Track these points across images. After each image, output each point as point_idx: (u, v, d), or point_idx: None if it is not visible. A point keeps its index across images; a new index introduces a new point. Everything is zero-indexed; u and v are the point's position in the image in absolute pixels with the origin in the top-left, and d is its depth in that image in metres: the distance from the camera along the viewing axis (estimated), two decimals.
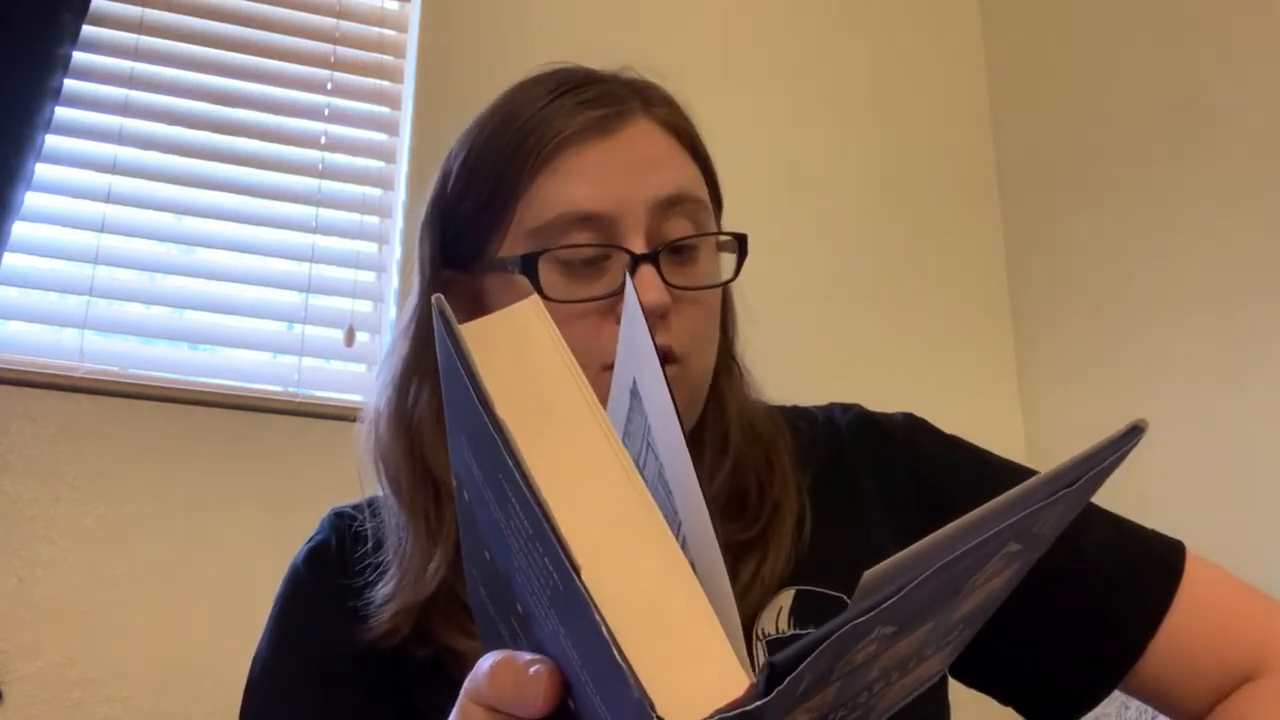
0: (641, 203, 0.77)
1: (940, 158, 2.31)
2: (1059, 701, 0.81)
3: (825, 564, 0.78)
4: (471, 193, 0.81)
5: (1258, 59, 1.77)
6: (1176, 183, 1.90)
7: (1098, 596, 0.79)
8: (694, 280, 0.79)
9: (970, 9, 2.46)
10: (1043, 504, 0.41)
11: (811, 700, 0.40)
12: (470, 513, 0.51)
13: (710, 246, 0.81)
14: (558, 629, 0.42)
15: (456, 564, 0.74)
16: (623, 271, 0.76)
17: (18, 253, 1.75)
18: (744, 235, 0.82)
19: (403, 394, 0.82)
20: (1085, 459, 0.42)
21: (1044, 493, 0.41)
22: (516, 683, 0.44)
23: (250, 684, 0.82)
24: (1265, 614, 0.79)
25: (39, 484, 1.65)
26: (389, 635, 0.75)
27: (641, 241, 0.76)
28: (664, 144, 0.81)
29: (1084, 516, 0.81)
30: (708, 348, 0.81)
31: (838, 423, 0.89)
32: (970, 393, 2.12)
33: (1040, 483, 0.41)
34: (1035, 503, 0.40)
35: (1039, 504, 0.41)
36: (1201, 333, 1.82)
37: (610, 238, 0.76)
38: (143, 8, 1.93)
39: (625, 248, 0.76)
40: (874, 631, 0.39)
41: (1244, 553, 1.68)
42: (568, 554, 0.38)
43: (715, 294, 0.82)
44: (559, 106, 0.79)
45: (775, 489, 0.80)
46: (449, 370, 0.46)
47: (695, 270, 0.79)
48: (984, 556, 0.41)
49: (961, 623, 0.48)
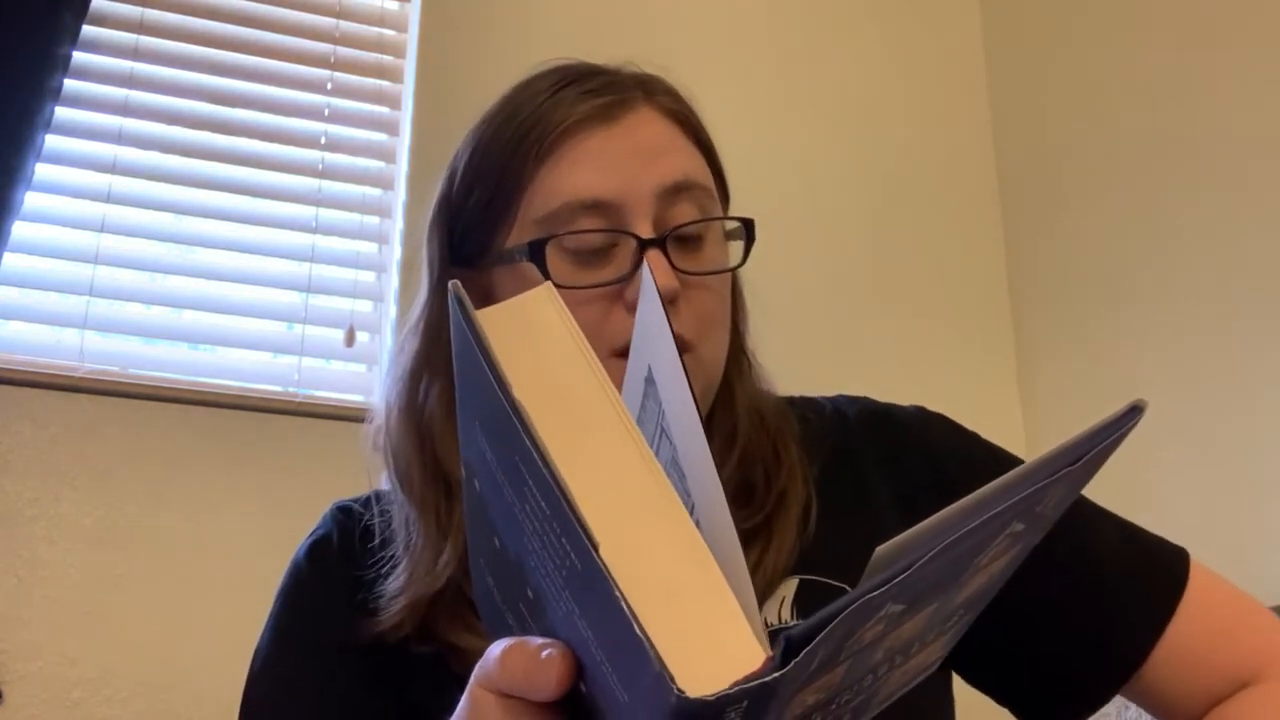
0: (647, 189, 0.77)
1: (940, 158, 2.32)
2: (1060, 706, 0.81)
3: (830, 555, 0.77)
4: (477, 188, 0.81)
5: (1258, 59, 1.78)
6: (1176, 183, 1.90)
7: (1103, 602, 0.79)
8: (702, 266, 0.79)
9: (970, 9, 2.46)
10: (1046, 482, 0.42)
11: (820, 680, 0.40)
12: (481, 500, 0.51)
13: (717, 234, 0.81)
14: (572, 610, 0.42)
15: (465, 560, 0.74)
16: (630, 258, 0.76)
17: (18, 253, 1.75)
18: (751, 220, 0.82)
19: (413, 390, 0.82)
20: (1086, 438, 0.43)
21: (1047, 471, 0.42)
22: (528, 667, 0.44)
23: (251, 678, 0.82)
24: (1264, 624, 0.80)
25: (39, 484, 1.64)
26: (394, 630, 0.75)
27: (649, 227, 0.76)
28: (668, 131, 0.81)
29: (1091, 520, 0.82)
30: (719, 334, 0.81)
31: (846, 414, 0.89)
32: (970, 393, 2.12)
33: (1043, 462, 0.42)
34: (1039, 481, 0.41)
35: (1042, 482, 0.41)
36: (1202, 332, 1.82)
37: (617, 224, 0.76)
38: (143, 8, 1.93)
39: (633, 233, 0.76)
40: (884, 608, 0.39)
41: (1245, 551, 1.69)
42: (586, 531, 0.38)
43: (724, 280, 0.82)
44: (562, 98, 0.79)
45: (782, 479, 0.80)
46: (464, 355, 0.46)
47: (703, 257, 0.79)
48: (989, 535, 0.42)
49: (963, 606, 0.48)
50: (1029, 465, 0.43)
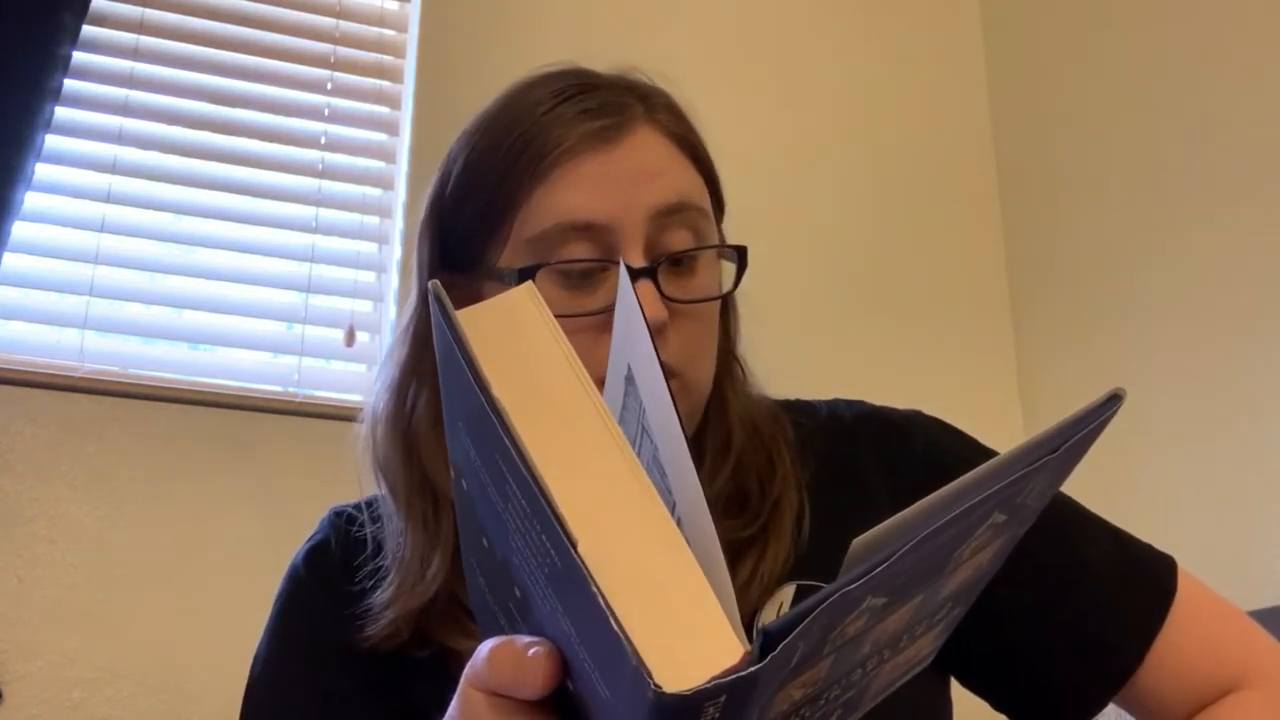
0: (640, 212, 0.76)
1: (940, 158, 2.32)
2: (1055, 714, 0.81)
3: (826, 559, 0.77)
4: (470, 199, 0.80)
5: (1259, 59, 1.78)
6: (1177, 183, 1.90)
7: (1096, 610, 0.80)
8: (692, 293, 0.78)
9: (970, 9, 2.46)
10: (1026, 471, 0.42)
11: (805, 674, 0.40)
12: (469, 501, 0.51)
13: (710, 256, 0.81)
14: (556, 607, 0.42)
15: (455, 567, 0.74)
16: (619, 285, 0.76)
17: (18, 253, 1.75)
18: (744, 248, 0.81)
19: (401, 397, 0.81)
20: (1066, 427, 0.44)
21: (1027, 460, 0.42)
22: (516, 665, 0.45)
23: (250, 684, 0.82)
24: (1245, 632, 0.81)
25: (39, 484, 1.65)
26: (389, 639, 0.75)
27: (639, 253, 0.75)
28: (665, 152, 0.80)
29: (1083, 527, 0.82)
30: (706, 361, 0.81)
31: (843, 417, 0.88)
32: (970, 393, 2.12)
33: (1023, 450, 0.43)
34: (1018, 470, 0.42)
35: (1022, 471, 0.42)
36: (1202, 333, 1.82)
37: (608, 248, 0.75)
38: (143, 8, 1.94)
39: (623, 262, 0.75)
40: (865, 601, 0.39)
41: (1244, 553, 1.69)
42: (565, 528, 0.39)
43: (713, 306, 0.81)
44: (559, 115, 0.78)
45: (776, 487, 0.80)
46: (446, 355, 0.47)
47: (694, 282, 0.78)
48: (970, 526, 0.42)
49: (951, 599, 0.48)
50: (1007, 455, 0.43)
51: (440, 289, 0.45)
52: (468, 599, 0.73)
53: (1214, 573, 0.84)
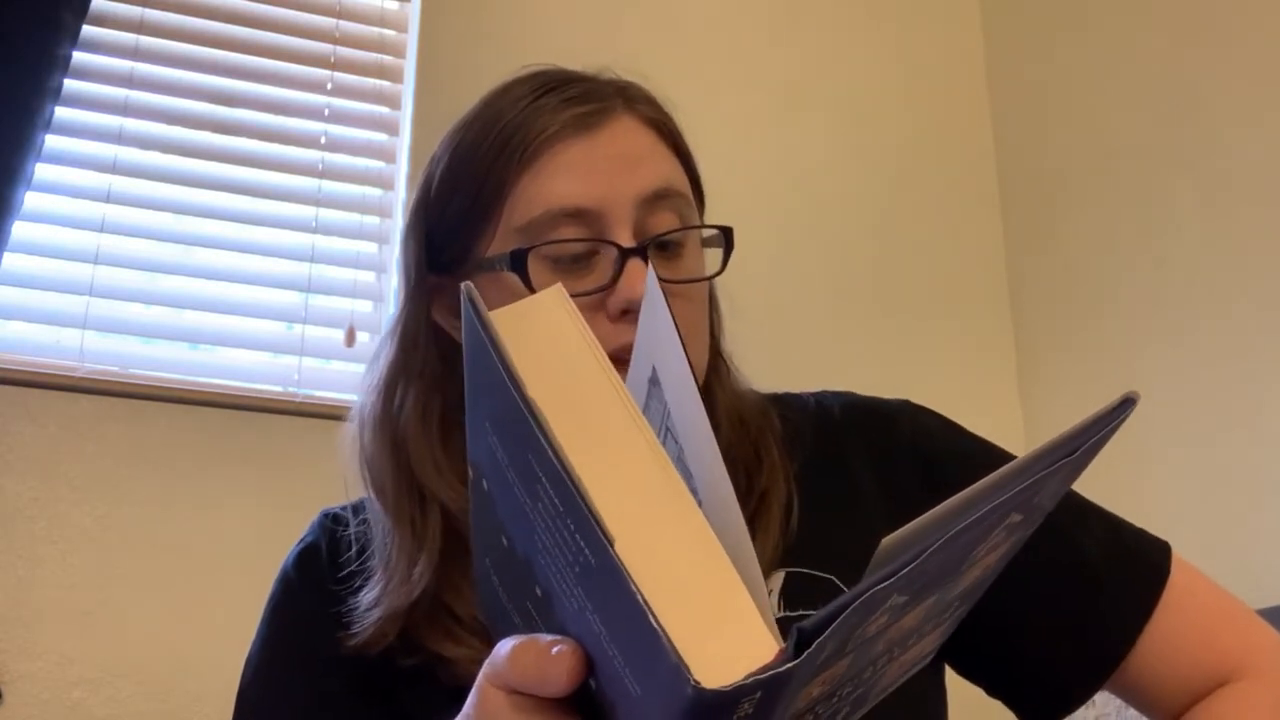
0: (628, 197, 0.77)
1: (940, 159, 2.32)
2: (1047, 699, 0.81)
3: (815, 548, 0.78)
4: (456, 195, 0.81)
5: (1259, 60, 1.78)
6: (1177, 184, 1.90)
7: (1088, 595, 0.80)
8: (681, 275, 0.79)
9: (970, 9, 2.47)
10: (1044, 473, 0.43)
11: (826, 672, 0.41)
12: (489, 500, 0.51)
13: (695, 242, 0.82)
14: (584, 605, 0.42)
15: (441, 569, 0.75)
16: (611, 266, 0.77)
17: (18, 253, 1.75)
18: (730, 229, 0.83)
19: (388, 399, 0.82)
20: (1082, 430, 0.45)
21: (1045, 462, 0.43)
22: (539, 663, 0.45)
23: (242, 688, 0.82)
24: (1243, 620, 0.81)
25: (39, 484, 1.64)
26: (375, 642, 0.75)
27: (629, 235, 0.77)
28: (647, 140, 0.82)
29: (1077, 512, 0.83)
30: (698, 342, 0.82)
31: (830, 408, 0.89)
32: (970, 393, 2.13)
33: (1041, 453, 0.44)
34: (1038, 471, 0.43)
35: (1041, 473, 0.43)
36: (1201, 333, 1.82)
37: (598, 233, 0.77)
38: (143, 8, 1.93)
39: (614, 242, 0.76)
40: (889, 600, 0.40)
41: (1244, 551, 1.69)
42: (601, 526, 0.39)
43: (703, 289, 0.83)
44: (542, 105, 0.80)
45: (763, 480, 0.80)
46: (476, 355, 0.47)
47: (682, 265, 0.80)
48: (990, 525, 0.43)
49: (959, 598, 0.49)
50: (1026, 457, 0.44)
51: (474, 290, 0.46)
52: (456, 605, 0.74)
53: (1214, 572, 0.84)
